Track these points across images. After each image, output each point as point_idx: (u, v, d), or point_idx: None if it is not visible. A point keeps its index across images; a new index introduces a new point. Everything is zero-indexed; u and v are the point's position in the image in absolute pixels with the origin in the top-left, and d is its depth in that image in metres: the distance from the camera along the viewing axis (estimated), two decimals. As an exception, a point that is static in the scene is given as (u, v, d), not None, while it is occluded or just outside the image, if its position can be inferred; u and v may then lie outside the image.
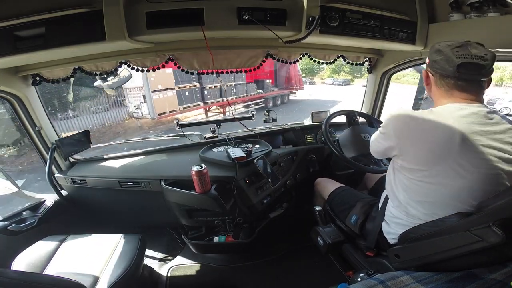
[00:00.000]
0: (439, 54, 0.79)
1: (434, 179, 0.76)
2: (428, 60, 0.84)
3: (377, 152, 0.98)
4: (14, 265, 1.10)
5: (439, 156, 0.73)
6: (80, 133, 1.54)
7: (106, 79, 1.43)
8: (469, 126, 0.72)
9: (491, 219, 0.61)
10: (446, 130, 0.73)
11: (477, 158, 0.71)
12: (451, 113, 0.75)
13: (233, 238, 1.54)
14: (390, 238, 0.94)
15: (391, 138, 0.84)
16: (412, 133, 0.78)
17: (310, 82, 21.88)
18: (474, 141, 0.71)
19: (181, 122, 1.65)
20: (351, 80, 25.31)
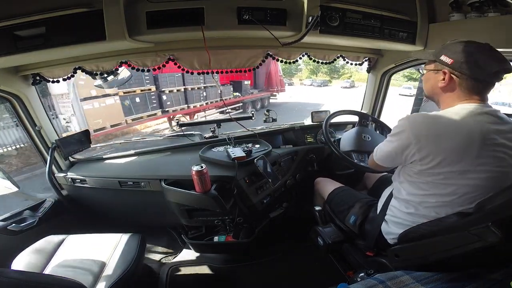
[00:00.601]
0: (469, 55, 0.76)
1: (456, 179, 0.75)
2: (452, 60, 0.78)
3: (385, 160, 0.92)
4: (14, 265, 1.10)
5: (461, 155, 0.73)
6: (80, 132, 1.54)
7: (107, 78, 1.43)
8: (485, 126, 0.74)
9: (490, 219, 0.61)
10: (466, 129, 0.74)
11: (495, 157, 0.74)
12: (467, 113, 0.76)
13: (233, 238, 1.54)
14: (389, 239, 0.94)
15: (409, 141, 0.79)
16: (433, 134, 0.76)
17: (289, 83, 21.43)
18: (491, 140, 0.73)
19: (181, 122, 1.65)
20: (329, 81, 25.39)
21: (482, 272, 0.66)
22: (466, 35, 1.06)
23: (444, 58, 0.80)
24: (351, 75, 27.50)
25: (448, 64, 0.79)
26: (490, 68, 0.75)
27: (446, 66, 0.80)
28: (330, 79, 25.92)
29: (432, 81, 0.86)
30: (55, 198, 1.56)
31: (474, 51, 0.76)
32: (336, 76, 24.55)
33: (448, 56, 0.79)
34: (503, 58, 0.75)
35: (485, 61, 0.75)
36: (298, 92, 16.34)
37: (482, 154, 0.73)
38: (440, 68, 0.82)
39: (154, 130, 6.70)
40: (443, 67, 0.81)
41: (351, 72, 28.24)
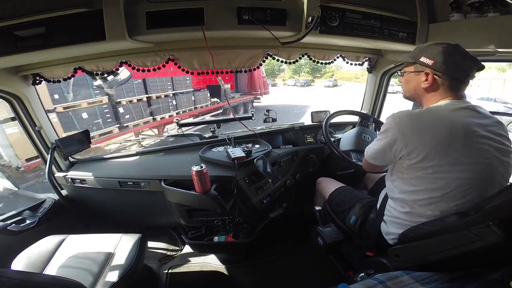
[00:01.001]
0: (449, 56, 0.80)
1: (444, 173, 0.77)
2: (433, 61, 0.82)
3: (375, 157, 0.94)
4: (14, 265, 1.10)
5: (447, 148, 0.75)
6: (80, 132, 1.54)
7: (106, 79, 1.43)
8: (467, 119, 0.77)
9: (491, 218, 0.61)
10: (449, 123, 0.76)
11: (479, 148, 0.76)
12: (448, 108, 0.80)
13: (233, 238, 1.53)
14: (389, 239, 0.94)
15: (396, 137, 0.82)
16: (417, 129, 0.78)
17: (272, 84, 21.03)
18: (474, 132, 0.76)
19: (181, 122, 1.65)
20: (312, 80, 25.25)
21: (482, 272, 0.66)
22: (466, 35, 1.06)
23: (424, 59, 0.84)
24: (333, 73, 27.79)
25: (429, 65, 0.82)
26: (468, 67, 0.81)
27: (427, 67, 0.83)
28: (313, 78, 25.71)
29: (414, 82, 0.89)
30: (55, 198, 1.56)
31: (452, 52, 0.81)
32: (319, 75, 24.45)
33: (428, 57, 0.83)
34: (475, 57, 0.81)
35: (462, 61, 0.80)
36: (282, 94, 15.77)
37: (467, 146, 0.75)
38: (421, 70, 0.85)
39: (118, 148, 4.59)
40: (424, 68, 0.84)
41: (333, 71, 28.13)
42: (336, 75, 27.19)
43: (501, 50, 0.98)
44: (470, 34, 1.04)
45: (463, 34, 1.06)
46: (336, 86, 22.36)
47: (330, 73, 28.18)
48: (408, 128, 0.80)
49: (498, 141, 0.79)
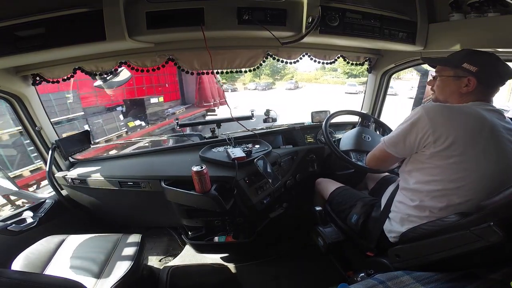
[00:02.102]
0: (493, 65, 0.85)
1: (468, 163, 0.78)
2: (476, 69, 0.84)
3: (396, 144, 0.90)
4: (14, 265, 1.10)
5: (474, 139, 0.77)
6: (80, 133, 1.54)
7: (106, 79, 1.43)
8: (494, 119, 0.81)
9: (491, 218, 0.61)
10: (478, 118, 0.79)
11: (501, 148, 0.78)
12: (479, 106, 0.83)
13: (233, 238, 1.53)
14: (391, 237, 0.94)
15: (424, 123, 0.81)
16: (447, 116, 0.80)
17: (232, 89, 20.21)
18: (500, 132, 0.79)
19: (181, 122, 1.65)
20: (273, 83, 24.06)
21: (482, 272, 0.66)
22: (466, 35, 1.06)
23: (467, 66, 0.85)
24: (293, 75, 26.55)
25: (472, 71, 0.84)
26: (507, 77, 0.85)
27: (469, 73, 0.85)
28: (273, 81, 24.49)
29: (452, 86, 0.89)
30: (55, 198, 1.56)
31: (495, 62, 0.85)
32: (279, 77, 23.33)
33: (472, 64, 0.84)
34: (508, 66, 0.86)
35: (504, 71, 0.85)
36: (243, 99, 14.23)
37: (492, 143, 0.77)
38: (462, 75, 0.86)
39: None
40: (466, 74, 0.86)
41: (292, 72, 27.28)
42: (296, 77, 26.08)
43: (501, 50, 0.98)
44: (470, 34, 1.04)
45: (463, 34, 1.06)
46: (298, 88, 21.83)
47: (290, 75, 26.72)
48: (438, 115, 0.81)
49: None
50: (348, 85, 19.33)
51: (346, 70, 23.55)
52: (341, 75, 25.02)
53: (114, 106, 5.16)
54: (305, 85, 23.57)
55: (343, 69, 23.29)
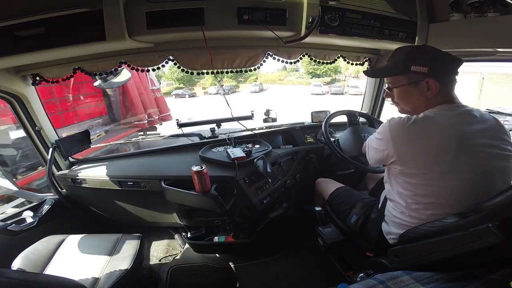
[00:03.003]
0: (440, 58, 0.79)
1: (435, 181, 0.76)
2: (427, 68, 0.78)
3: (373, 159, 0.93)
4: (14, 265, 1.10)
5: (439, 159, 0.75)
6: (80, 132, 1.54)
7: (106, 79, 1.43)
8: (461, 127, 0.76)
9: (491, 219, 0.61)
10: (442, 133, 0.75)
11: (473, 157, 0.74)
12: (443, 116, 0.78)
13: (233, 238, 1.53)
14: (389, 238, 0.94)
15: (389, 145, 0.82)
16: (408, 139, 0.78)
17: (190, 94, 18.78)
18: (468, 141, 0.75)
19: (181, 122, 1.65)
20: (236, 86, 22.37)
21: (482, 272, 0.66)
22: (466, 35, 1.06)
23: (415, 68, 0.79)
24: (257, 77, 24.38)
25: (425, 73, 0.78)
26: (457, 64, 0.79)
27: (423, 75, 0.79)
28: (237, 83, 22.63)
29: (415, 94, 0.83)
30: (55, 198, 1.56)
31: (437, 53, 0.79)
32: (243, 79, 21.33)
33: (420, 64, 0.78)
34: (449, 53, 0.81)
35: (451, 59, 0.79)
36: (202, 107, 12.18)
37: (460, 156, 0.74)
38: (417, 79, 0.80)
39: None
40: (420, 77, 0.79)
41: (256, 73, 24.82)
42: (260, 78, 24.09)
43: (501, 50, 0.98)
44: (470, 34, 1.04)
45: (463, 34, 1.06)
46: (263, 91, 20.66)
47: (254, 76, 23.87)
48: (399, 137, 0.79)
49: (495, 146, 0.77)
50: (313, 86, 18.58)
51: (310, 70, 22.41)
52: (304, 75, 23.64)
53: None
54: (270, 87, 22.21)
55: (306, 68, 22.01)
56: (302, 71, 23.48)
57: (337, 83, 20.64)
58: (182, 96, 18.08)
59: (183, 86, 20.08)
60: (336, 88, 17.98)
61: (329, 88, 18.37)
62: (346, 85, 18.84)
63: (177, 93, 18.56)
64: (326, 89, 18.29)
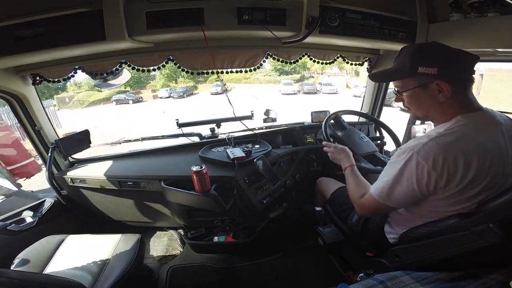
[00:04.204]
0: (449, 56, 0.70)
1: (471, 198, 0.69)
2: (435, 68, 0.69)
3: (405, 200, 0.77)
4: (14, 265, 1.10)
5: (479, 177, 0.68)
6: (80, 132, 1.54)
7: (106, 79, 1.43)
8: (496, 141, 0.69)
9: (491, 219, 0.61)
10: (486, 152, 0.67)
11: (508, 169, 0.70)
12: (475, 128, 0.69)
13: (233, 238, 1.53)
14: (390, 238, 0.94)
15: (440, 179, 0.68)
16: (464, 171, 0.67)
17: (135, 99, 15.72)
18: (504, 154, 0.69)
19: (181, 122, 1.65)
20: (194, 87, 19.34)
21: (482, 272, 0.66)
22: (465, 35, 1.06)
23: (423, 69, 0.71)
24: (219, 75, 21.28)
25: (434, 74, 0.70)
26: (471, 61, 0.71)
27: (433, 77, 0.71)
28: (195, 84, 19.72)
29: (425, 98, 0.75)
30: (55, 198, 1.56)
31: (448, 50, 0.71)
32: (202, 79, 17.95)
33: (427, 65, 0.71)
34: (462, 51, 0.72)
35: (463, 57, 0.70)
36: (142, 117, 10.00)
37: (498, 171, 0.68)
38: (427, 81, 0.72)
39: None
40: (430, 79, 0.71)
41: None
42: (223, 77, 20.74)
43: (501, 50, 0.98)
44: (470, 34, 1.04)
45: (463, 34, 1.06)
46: (226, 91, 17.61)
47: (215, 75, 21.26)
48: (448, 163, 0.67)
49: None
50: (283, 85, 16.38)
51: (277, 67, 19.54)
52: (272, 72, 20.97)
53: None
54: (235, 87, 19.07)
55: (274, 65, 19.03)
56: (269, 68, 20.47)
57: (307, 81, 18.74)
58: (125, 102, 15.31)
59: (127, 90, 16.61)
60: (309, 87, 16.07)
61: (301, 87, 16.45)
62: (318, 82, 16.99)
63: (118, 98, 15.55)
64: (297, 87, 16.37)
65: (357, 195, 0.93)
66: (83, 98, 16.39)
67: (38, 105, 1.42)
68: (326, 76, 19.31)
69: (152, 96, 17.15)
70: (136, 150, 1.71)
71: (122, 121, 9.71)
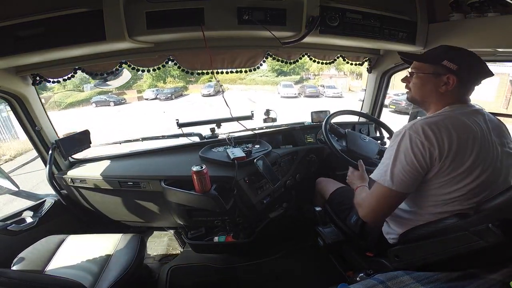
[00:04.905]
0: (473, 63, 0.82)
1: (463, 176, 0.75)
2: (457, 67, 0.80)
3: (405, 181, 0.79)
4: (14, 265, 1.10)
5: (468, 153, 0.74)
6: (80, 132, 1.54)
7: (106, 79, 1.43)
8: (481, 124, 0.78)
9: (490, 219, 0.61)
10: (468, 130, 0.75)
11: (491, 152, 0.77)
12: (461, 114, 0.79)
13: (233, 238, 1.53)
14: (389, 238, 0.94)
15: (432, 149, 0.74)
16: (449, 140, 0.74)
17: (117, 101, 14.37)
18: (487, 136, 0.77)
19: (181, 122, 1.65)
20: (184, 87, 17.74)
21: (482, 272, 0.66)
22: (465, 35, 1.06)
23: (447, 63, 0.81)
24: (212, 76, 15.05)
25: (452, 69, 0.80)
26: (485, 74, 0.83)
27: (449, 71, 0.81)
28: (185, 84, 18.26)
29: (430, 85, 0.85)
30: (55, 198, 1.56)
31: (474, 61, 0.82)
32: (193, 79, 16.65)
33: (453, 62, 0.81)
34: (487, 65, 0.84)
35: (482, 69, 0.82)
36: (114, 123, 8.68)
37: (482, 151, 0.75)
38: (442, 73, 0.82)
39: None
40: (446, 71, 0.81)
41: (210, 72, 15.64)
42: (216, 77, 14.30)
43: (501, 50, 0.98)
44: (470, 34, 1.04)
45: (463, 34, 1.06)
46: (220, 93, 13.99)
47: (208, 75, 12.18)
48: (443, 140, 0.74)
49: (502, 143, 0.81)
50: (282, 87, 15.11)
51: (275, 67, 18.33)
52: (268, 73, 19.74)
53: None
54: (229, 88, 17.60)
55: (271, 65, 17.73)
56: (266, 69, 19.32)
57: (306, 82, 17.71)
58: (106, 104, 13.99)
59: (111, 90, 14.82)
60: (311, 89, 14.84)
61: (301, 90, 15.23)
62: (319, 85, 16.28)
63: (98, 100, 14.18)
64: (297, 90, 15.23)
65: (361, 197, 0.98)
66: (60, 99, 14.82)
67: (38, 105, 1.42)
68: (328, 78, 18.48)
69: (137, 98, 15.81)
70: (136, 150, 1.71)
71: (94, 127, 9.14)
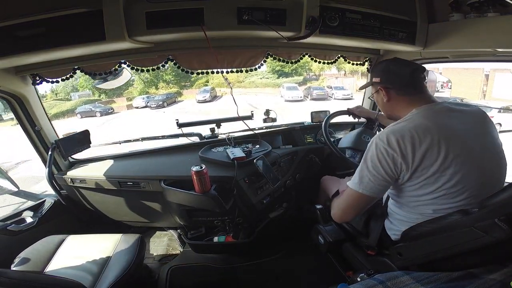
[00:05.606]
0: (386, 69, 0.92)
1: (437, 175, 0.76)
2: (379, 78, 0.91)
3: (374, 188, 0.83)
4: (14, 265, 1.10)
5: (434, 156, 0.75)
6: (80, 132, 1.54)
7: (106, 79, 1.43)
8: (448, 121, 0.80)
9: (496, 214, 0.60)
10: (433, 131, 0.76)
11: (464, 149, 0.77)
12: (423, 115, 0.81)
13: (233, 238, 1.53)
14: (392, 234, 0.94)
15: (396, 155, 0.77)
16: (412, 146, 0.76)
17: (103, 110, 13.33)
18: (450, 132, 0.77)
19: (181, 122, 1.65)
20: (178, 93, 16.42)
21: (482, 272, 0.66)
22: (465, 35, 1.06)
23: (374, 79, 0.94)
24: (208, 79, 16.11)
25: (379, 82, 0.92)
26: (403, 71, 0.89)
27: (378, 84, 0.93)
28: (179, 89, 16.99)
29: (380, 101, 0.96)
30: (55, 199, 1.56)
31: (387, 64, 0.93)
32: (188, 83, 15.86)
33: (375, 76, 0.94)
34: (409, 61, 0.94)
35: (397, 68, 0.90)
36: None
37: (453, 149, 0.75)
38: (377, 87, 0.94)
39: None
40: (377, 85, 0.93)
41: (207, 75, 9.71)
42: (212, 81, 16.30)
43: (501, 50, 0.98)
44: (470, 34, 1.04)
45: (463, 34, 1.06)
46: (216, 98, 14.99)
47: (203, 79, 15.91)
48: (407, 147, 0.76)
49: (478, 134, 0.81)
50: (286, 89, 13.91)
51: (275, 68, 17.03)
52: (269, 74, 18.21)
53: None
54: (226, 92, 15.42)
55: (271, 66, 16.26)
56: (265, 70, 17.69)
57: (310, 84, 16.50)
58: (92, 115, 12.96)
59: (99, 98, 14.24)
60: (318, 91, 13.65)
61: (307, 92, 14.16)
62: (326, 86, 15.31)
63: (84, 110, 13.16)
64: (302, 92, 14.08)
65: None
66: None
67: (38, 106, 1.42)
68: (334, 78, 17.54)
69: (126, 106, 14.49)
70: (136, 150, 1.71)
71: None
